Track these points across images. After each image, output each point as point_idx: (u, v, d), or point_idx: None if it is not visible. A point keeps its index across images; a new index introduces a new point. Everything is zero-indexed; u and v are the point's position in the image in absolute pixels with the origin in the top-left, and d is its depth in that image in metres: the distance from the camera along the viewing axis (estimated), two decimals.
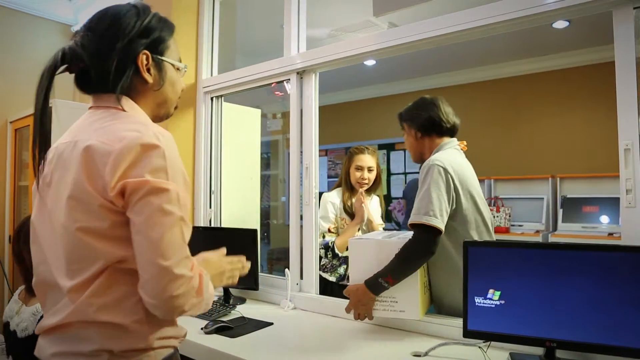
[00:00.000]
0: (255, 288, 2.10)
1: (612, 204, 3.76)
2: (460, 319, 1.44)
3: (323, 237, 2.45)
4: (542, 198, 4.18)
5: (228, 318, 1.88)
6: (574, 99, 4.45)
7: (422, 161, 1.75)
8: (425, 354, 1.44)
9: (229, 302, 2.14)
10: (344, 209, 2.51)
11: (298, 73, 2.21)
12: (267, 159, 5.95)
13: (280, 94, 3.20)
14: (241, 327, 1.75)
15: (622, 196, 1.41)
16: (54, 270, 0.94)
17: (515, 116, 4.78)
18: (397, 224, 4.23)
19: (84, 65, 0.97)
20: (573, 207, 3.99)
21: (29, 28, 3.70)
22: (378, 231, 2.44)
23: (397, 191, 5.54)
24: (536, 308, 1.32)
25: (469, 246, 1.42)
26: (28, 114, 3.21)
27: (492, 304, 1.37)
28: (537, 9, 1.53)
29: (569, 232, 3.89)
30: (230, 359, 1.48)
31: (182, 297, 0.87)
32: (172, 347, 1.00)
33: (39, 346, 0.97)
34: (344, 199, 2.51)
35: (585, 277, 1.27)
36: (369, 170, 2.51)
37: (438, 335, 1.60)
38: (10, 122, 3.61)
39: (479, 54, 4.50)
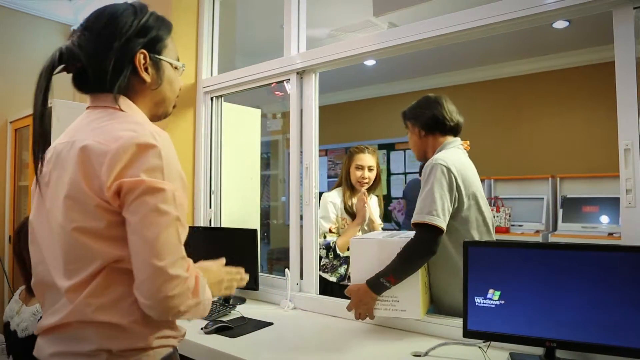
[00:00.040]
0: (255, 288, 2.10)
1: (612, 204, 3.76)
2: (460, 319, 1.44)
3: (324, 237, 2.45)
4: (542, 198, 4.19)
5: (228, 318, 1.88)
6: (574, 99, 4.45)
7: (426, 160, 1.75)
8: (425, 354, 1.44)
9: (229, 302, 2.14)
10: (344, 209, 2.51)
11: (298, 73, 2.21)
12: (267, 159, 5.95)
13: (280, 94, 3.20)
14: (241, 327, 1.75)
15: (622, 196, 1.41)
16: (51, 270, 0.94)
17: (516, 116, 4.78)
18: (397, 224, 4.23)
19: (81, 65, 0.97)
20: (573, 207, 3.99)
21: (29, 28, 3.70)
22: (378, 231, 2.45)
23: (397, 191, 5.54)
24: (536, 308, 1.32)
25: (469, 246, 1.42)
26: (28, 114, 3.21)
27: (492, 304, 1.37)
28: (537, 9, 1.53)
29: (569, 232, 3.89)
30: (230, 359, 1.48)
31: (177, 298, 0.87)
32: (171, 347, 1.00)
33: (37, 346, 0.97)
34: (344, 199, 2.51)
35: (585, 277, 1.27)
36: (370, 170, 2.51)
37: (438, 335, 1.60)
38: (10, 122, 3.61)
39: (479, 54, 4.50)
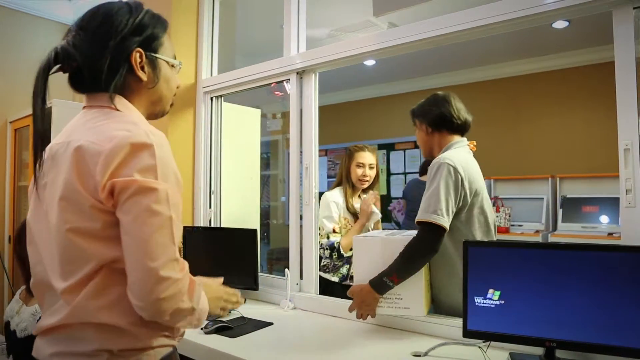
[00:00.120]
0: (255, 288, 2.10)
1: (611, 204, 3.76)
2: (460, 319, 1.44)
3: (327, 237, 2.43)
4: (542, 198, 4.18)
5: (228, 318, 1.88)
6: (574, 99, 4.45)
7: (432, 157, 1.76)
8: (425, 354, 1.44)
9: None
10: (346, 208, 2.51)
11: (298, 73, 2.21)
12: (267, 159, 5.95)
13: (280, 94, 3.20)
14: (241, 327, 1.75)
15: (622, 196, 1.41)
16: (49, 271, 0.94)
17: (515, 116, 4.78)
18: (397, 223, 4.22)
19: (77, 64, 0.96)
20: (573, 207, 3.99)
21: (29, 28, 3.70)
22: (380, 230, 2.44)
23: (397, 191, 5.54)
24: (536, 308, 1.32)
25: (469, 246, 1.42)
26: (28, 114, 3.21)
27: (492, 303, 1.37)
28: (537, 9, 1.53)
29: (569, 232, 3.89)
30: (230, 359, 1.48)
31: (169, 301, 0.86)
32: (171, 346, 1.00)
33: (36, 347, 0.97)
34: (346, 198, 2.51)
35: (585, 277, 1.27)
36: (370, 168, 2.52)
37: (438, 335, 1.60)
38: (10, 122, 3.61)
39: (479, 54, 4.50)
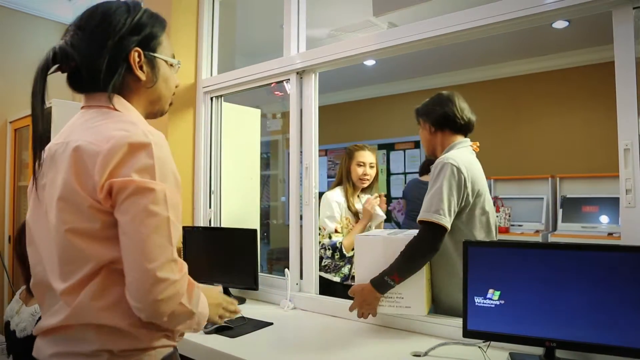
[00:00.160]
0: (255, 288, 2.10)
1: (611, 204, 3.76)
2: (460, 319, 1.44)
3: (329, 237, 2.43)
4: (542, 198, 4.19)
5: (228, 318, 1.87)
6: (574, 99, 4.45)
7: (435, 156, 1.77)
8: (425, 354, 1.44)
9: (231, 296, 2.13)
10: (347, 208, 2.51)
11: (298, 73, 2.21)
12: (267, 159, 5.95)
13: (280, 94, 3.20)
14: (241, 327, 1.75)
15: (622, 196, 1.41)
16: (48, 272, 0.94)
17: (515, 116, 4.79)
18: (397, 223, 4.22)
19: (75, 64, 0.96)
20: (573, 207, 3.99)
21: (28, 28, 3.70)
22: (381, 229, 2.45)
23: (397, 191, 5.54)
24: (536, 308, 1.32)
25: (469, 246, 1.42)
26: (28, 114, 3.21)
27: (491, 303, 1.37)
28: (536, 9, 1.53)
29: (569, 232, 3.89)
30: (230, 359, 1.48)
31: (167, 302, 0.85)
32: (172, 346, 1.00)
33: (37, 347, 0.97)
34: (347, 197, 2.51)
35: (585, 277, 1.27)
36: (370, 167, 2.53)
37: (438, 335, 1.60)
38: (10, 122, 3.61)
39: (479, 54, 4.49)
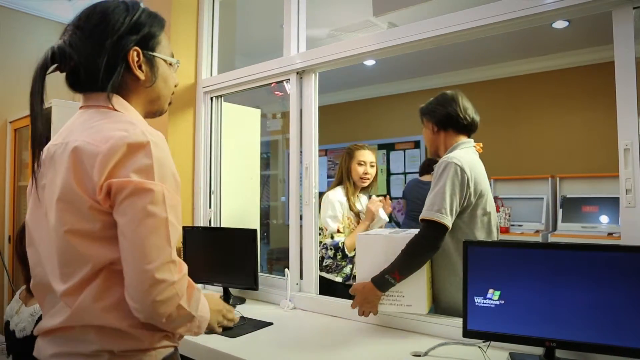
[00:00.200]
0: (255, 288, 2.10)
1: (611, 204, 3.77)
2: (460, 319, 1.44)
3: (331, 237, 2.43)
4: (542, 198, 4.19)
5: None
6: (574, 99, 4.45)
7: (437, 155, 1.79)
8: (425, 354, 1.44)
9: (229, 302, 2.14)
10: (349, 208, 2.51)
11: (298, 73, 2.21)
12: (267, 159, 5.95)
13: (280, 94, 3.20)
14: (241, 327, 1.75)
15: (622, 196, 1.41)
16: (48, 273, 0.93)
17: (515, 116, 4.79)
18: (397, 223, 4.22)
19: (74, 63, 0.95)
20: (573, 207, 4.00)
21: (29, 28, 3.70)
22: (382, 229, 2.45)
23: (397, 191, 5.54)
24: (536, 308, 1.32)
25: (469, 246, 1.42)
26: (28, 114, 3.20)
27: (491, 303, 1.37)
28: (536, 9, 1.54)
29: (569, 232, 3.89)
30: (230, 359, 1.48)
31: (166, 303, 0.85)
32: (172, 347, 1.00)
33: (37, 347, 0.97)
34: (348, 196, 2.51)
35: (585, 277, 1.27)
36: (371, 166, 2.54)
37: (438, 335, 1.60)
38: (10, 122, 3.61)
39: (479, 54, 4.50)
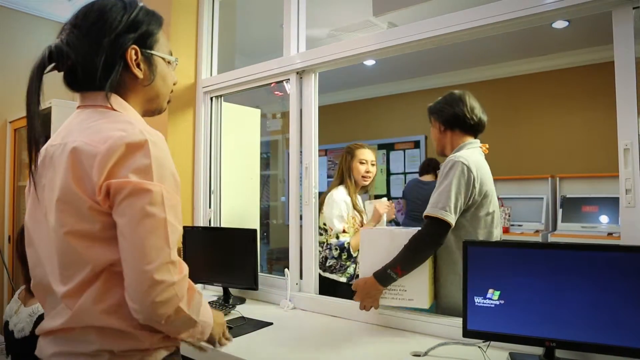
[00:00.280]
0: (255, 288, 2.10)
1: (611, 204, 3.77)
2: (460, 319, 1.44)
3: (337, 237, 2.43)
4: (542, 198, 4.19)
5: (228, 318, 1.88)
6: (574, 99, 4.45)
7: (444, 155, 1.80)
8: (425, 354, 1.44)
9: (229, 302, 2.14)
10: (353, 207, 2.51)
11: (297, 73, 2.20)
12: (266, 159, 5.94)
13: (279, 94, 3.20)
14: (241, 327, 1.75)
15: (622, 196, 1.41)
16: (48, 274, 0.93)
17: (515, 116, 4.78)
18: (397, 223, 4.22)
19: (72, 62, 0.95)
20: (572, 207, 4.00)
21: (28, 28, 3.70)
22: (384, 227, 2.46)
23: (396, 191, 5.54)
24: (536, 308, 1.32)
25: (469, 246, 1.42)
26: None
27: (491, 303, 1.37)
28: (536, 9, 1.54)
29: (569, 232, 3.89)
30: (230, 359, 1.48)
31: (165, 304, 0.85)
32: (173, 347, 1.00)
33: (39, 346, 0.97)
34: (351, 195, 2.51)
35: (584, 277, 1.27)
36: (372, 165, 2.56)
37: (438, 335, 1.60)
38: (10, 122, 3.61)
39: (479, 54, 4.50)
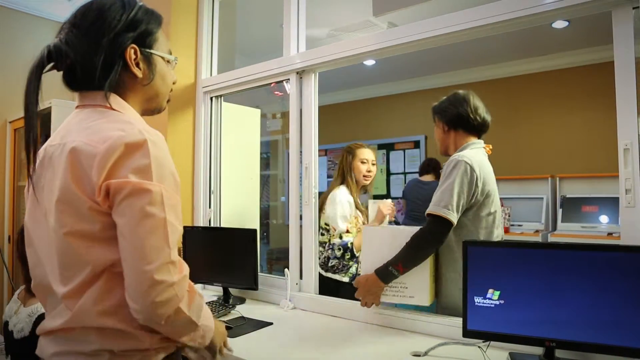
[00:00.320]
0: (255, 288, 2.09)
1: (611, 204, 3.77)
2: (459, 319, 1.44)
3: (340, 237, 2.43)
4: (542, 198, 4.19)
5: (228, 318, 1.88)
6: (574, 99, 4.45)
7: (447, 155, 1.81)
8: (425, 354, 1.44)
9: (229, 302, 2.14)
10: (355, 207, 2.51)
11: (297, 73, 2.20)
12: (266, 159, 5.94)
13: (279, 93, 3.20)
14: (241, 327, 1.75)
15: (622, 196, 1.41)
16: (49, 274, 0.93)
17: (515, 116, 4.78)
18: (397, 224, 4.22)
19: (71, 62, 0.94)
20: (572, 207, 4.00)
21: (28, 28, 3.70)
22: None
23: (396, 191, 5.54)
24: (536, 308, 1.32)
25: (469, 246, 1.42)
26: None
27: (491, 303, 1.37)
28: (536, 9, 1.54)
29: (569, 232, 3.89)
30: (231, 359, 1.48)
31: (165, 305, 0.85)
32: (174, 347, 1.00)
33: (40, 346, 0.97)
34: (353, 194, 2.51)
35: (584, 277, 1.27)
36: (372, 164, 2.57)
37: (438, 335, 1.60)
38: (10, 122, 3.61)
39: (479, 54, 4.49)
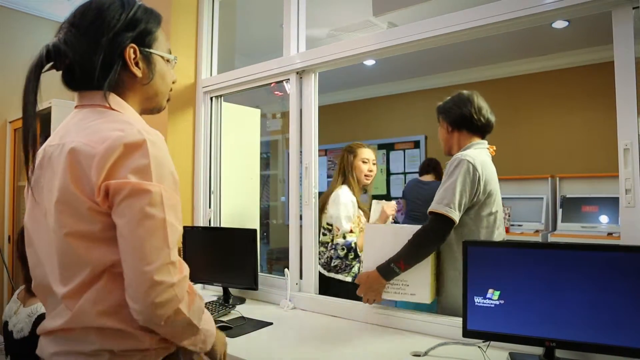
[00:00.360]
0: (255, 288, 2.10)
1: (611, 204, 3.77)
2: (459, 319, 1.44)
3: (344, 237, 2.43)
4: (542, 198, 4.18)
5: (228, 318, 1.88)
6: (574, 99, 4.45)
7: (451, 155, 1.81)
8: (425, 354, 1.44)
9: (229, 302, 2.14)
10: (357, 206, 2.51)
11: (297, 73, 2.20)
12: (266, 159, 5.94)
13: (279, 93, 3.21)
14: (241, 327, 1.75)
15: (622, 196, 1.42)
16: (49, 274, 0.93)
17: (515, 116, 4.78)
18: (397, 223, 4.22)
19: (70, 61, 0.94)
20: (572, 207, 4.00)
21: (28, 28, 3.70)
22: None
23: (396, 191, 5.54)
24: (536, 308, 1.32)
25: (469, 246, 1.42)
26: None
27: (491, 303, 1.37)
28: (536, 9, 1.54)
29: (569, 232, 3.89)
30: (231, 359, 1.48)
31: (165, 306, 0.85)
32: (174, 347, 0.99)
33: (40, 345, 0.97)
34: (355, 193, 2.51)
35: (584, 277, 1.27)
36: (373, 164, 2.58)
37: (438, 335, 1.60)
38: (10, 122, 3.61)
39: (479, 54, 4.49)
